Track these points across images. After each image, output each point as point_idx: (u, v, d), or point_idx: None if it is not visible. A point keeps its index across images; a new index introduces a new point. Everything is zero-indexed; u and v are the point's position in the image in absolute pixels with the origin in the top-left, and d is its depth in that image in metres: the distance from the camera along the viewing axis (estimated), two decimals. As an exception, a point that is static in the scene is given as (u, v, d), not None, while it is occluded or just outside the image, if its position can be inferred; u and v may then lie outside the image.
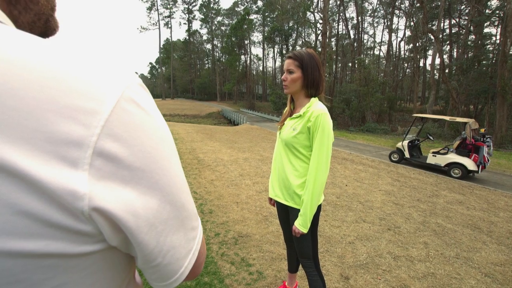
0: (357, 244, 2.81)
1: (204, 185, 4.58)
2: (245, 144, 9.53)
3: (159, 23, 58.54)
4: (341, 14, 33.44)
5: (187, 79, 69.59)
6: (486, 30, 23.61)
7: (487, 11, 21.01)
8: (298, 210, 1.42)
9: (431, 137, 7.54)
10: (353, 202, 4.10)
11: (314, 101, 1.40)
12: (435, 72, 23.54)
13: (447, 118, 7.01)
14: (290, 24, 35.94)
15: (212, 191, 4.28)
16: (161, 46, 64.52)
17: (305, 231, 1.35)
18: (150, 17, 69.98)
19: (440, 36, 26.17)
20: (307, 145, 1.38)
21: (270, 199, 1.69)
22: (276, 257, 2.46)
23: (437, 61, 22.65)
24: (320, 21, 24.64)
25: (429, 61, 35.93)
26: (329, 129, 1.32)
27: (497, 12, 20.40)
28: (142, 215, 0.29)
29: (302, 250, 1.51)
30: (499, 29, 21.52)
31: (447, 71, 23.88)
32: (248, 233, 2.91)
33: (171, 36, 63.17)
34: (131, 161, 0.28)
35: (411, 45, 30.92)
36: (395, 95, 28.59)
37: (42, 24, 0.38)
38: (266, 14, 47.68)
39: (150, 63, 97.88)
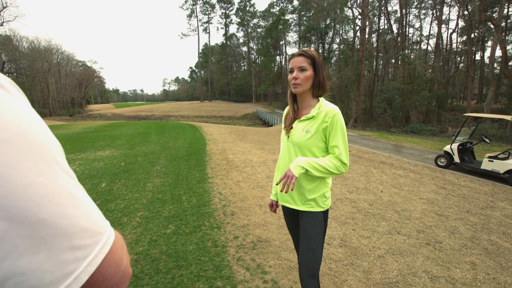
0: (388, 258, 2.52)
1: (230, 186, 4.59)
2: (277, 145, 9.41)
3: (198, 29, 61.38)
4: (383, 8, 31.31)
5: (224, 81, 71.84)
6: None
7: None
8: (311, 214, 1.37)
9: (487, 140, 6.59)
10: (387, 211, 3.74)
11: (323, 101, 1.37)
12: (495, 66, 20.67)
13: (508, 117, 6.04)
14: (327, 22, 34.76)
15: (237, 192, 4.27)
16: (200, 51, 67.51)
17: (296, 174, 1.24)
18: (190, 24, 73.83)
19: (503, 24, 22.95)
20: (322, 147, 1.35)
21: (271, 206, 1.61)
22: (294, 266, 2.32)
23: (498, 53, 19.91)
24: (359, 17, 23.39)
25: (487, 53, 31.75)
26: (345, 127, 1.33)
27: None
28: None
29: (313, 267, 1.33)
30: None
31: (511, 63, 20.85)
32: (268, 238, 2.81)
33: (209, 41, 65.84)
34: None
35: (465, 36, 27.65)
36: (445, 93, 25.84)
37: None
38: (302, 13, 46.94)
39: (190, 67, 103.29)
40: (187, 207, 3.59)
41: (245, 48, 68.72)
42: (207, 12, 61.57)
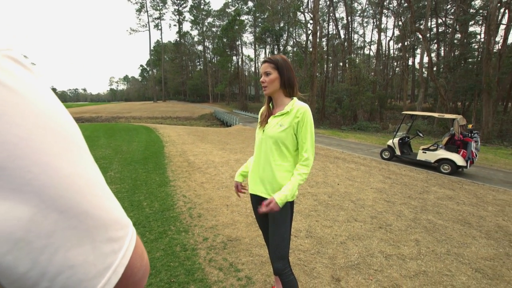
0: (349, 244, 2.77)
1: (194, 188, 4.48)
2: (237, 145, 9.45)
3: (149, 25, 57.95)
4: (331, 14, 33.70)
5: (178, 81, 69.14)
6: (471, 29, 24.10)
7: (471, 10, 21.46)
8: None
9: (420, 134, 7.61)
10: (345, 201, 4.07)
11: (296, 100, 1.52)
12: (423, 70, 23.86)
13: (435, 115, 7.09)
14: (281, 25, 36.01)
15: (201, 194, 4.19)
16: (152, 48, 63.83)
17: (280, 206, 1.37)
18: (140, 19, 68.97)
19: (428, 35, 26.61)
20: (292, 141, 1.46)
21: (237, 187, 1.76)
22: (266, 260, 2.39)
23: (425, 59, 22.99)
24: (311, 21, 24.76)
25: (417, 59, 36.39)
26: (312, 123, 1.47)
27: (481, 11, 20.83)
28: None
29: (282, 249, 1.47)
30: (483, 28, 21.97)
31: (435, 69, 24.31)
32: (238, 237, 2.83)
33: (161, 38, 62.76)
34: None
35: (400, 44, 31.38)
36: (385, 94, 28.94)
37: None
38: (257, 15, 47.72)
39: (141, 65, 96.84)
40: (150, 213, 3.41)
41: (200, 47, 67.21)
42: (158, 8, 58.44)
